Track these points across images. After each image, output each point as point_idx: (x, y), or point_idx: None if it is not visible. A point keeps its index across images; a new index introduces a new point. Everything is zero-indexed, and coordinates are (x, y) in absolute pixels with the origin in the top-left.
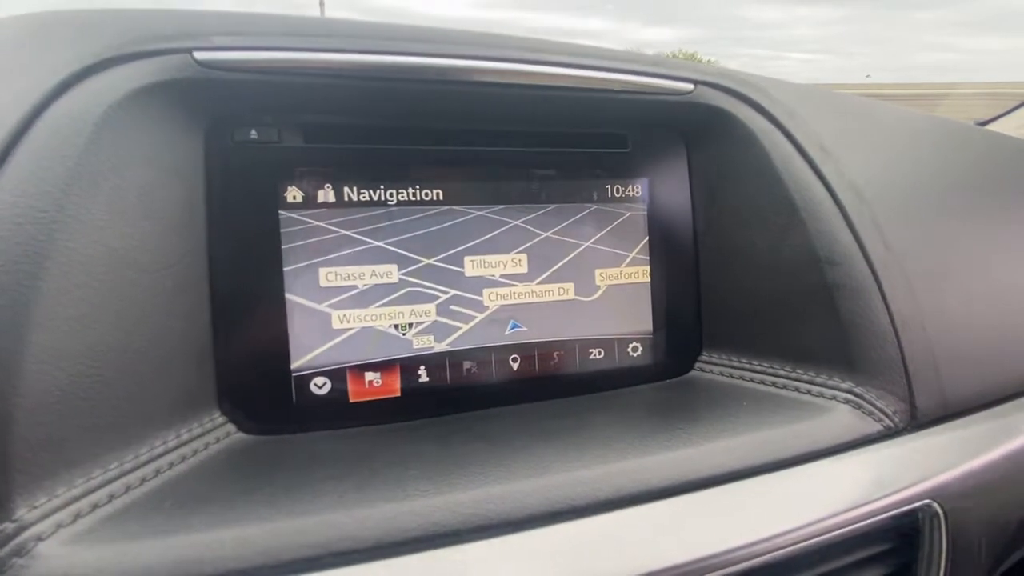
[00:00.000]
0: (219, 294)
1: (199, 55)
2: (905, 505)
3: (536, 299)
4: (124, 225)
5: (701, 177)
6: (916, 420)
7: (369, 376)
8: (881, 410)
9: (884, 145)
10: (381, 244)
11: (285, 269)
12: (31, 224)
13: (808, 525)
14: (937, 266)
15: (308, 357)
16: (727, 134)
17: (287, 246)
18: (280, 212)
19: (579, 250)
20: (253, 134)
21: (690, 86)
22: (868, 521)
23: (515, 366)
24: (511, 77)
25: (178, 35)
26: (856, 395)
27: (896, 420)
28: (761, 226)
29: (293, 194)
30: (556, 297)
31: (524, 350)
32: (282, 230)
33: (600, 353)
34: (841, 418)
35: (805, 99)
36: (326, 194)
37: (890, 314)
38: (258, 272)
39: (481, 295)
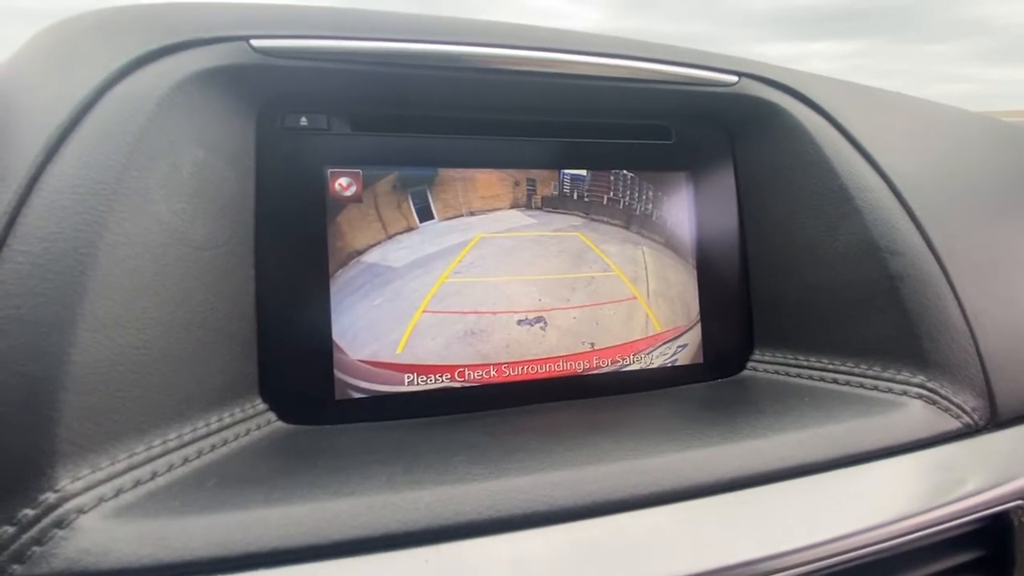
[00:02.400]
0: (264, 279)
1: (256, 42)
2: (993, 506)
3: (579, 297)
4: (177, 202)
5: (747, 169)
6: (997, 418)
7: (413, 370)
8: (959, 406)
9: (931, 137)
10: (427, 236)
11: (330, 257)
12: (91, 195)
13: (890, 523)
14: (1002, 257)
15: (352, 348)
16: (773, 126)
17: (333, 234)
18: (327, 199)
19: (623, 246)
20: (303, 121)
21: (734, 78)
22: (955, 522)
23: (560, 365)
24: (559, 67)
25: (236, 24)
26: (930, 390)
27: (976, 417)
28: (814, 218)
29: (340, 181)
30: (600, 295)
31: (569, 348)
32: (328, 217)
33: (647, 352)
34: (915, 414)
35: (850, 92)
36: (373, 183)
37: (960, 305)
38: (303, 259)
39: (525, 292)
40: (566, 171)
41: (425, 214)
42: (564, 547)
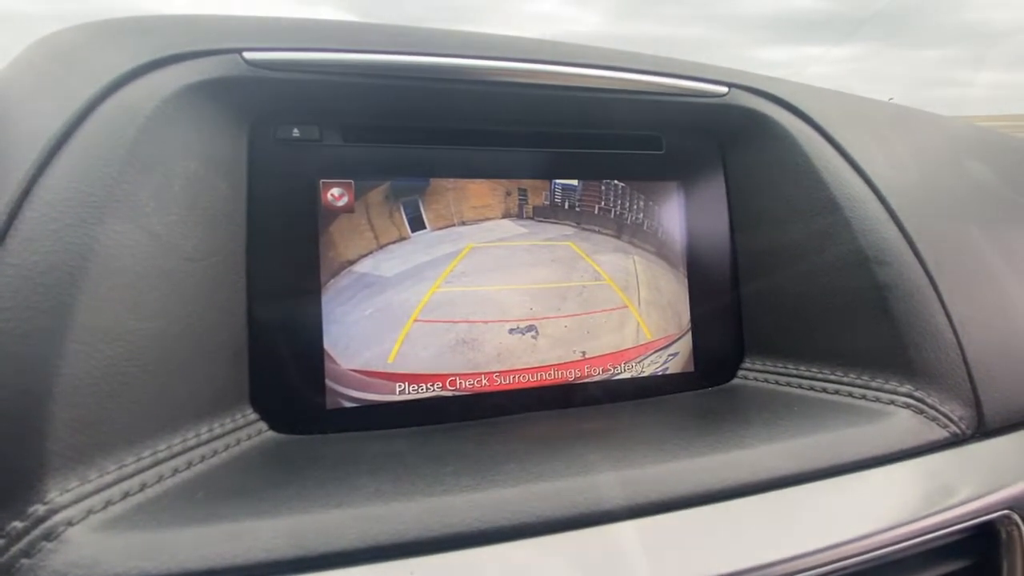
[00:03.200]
0: (256, 289)
1: (248, 55)
2: (980, 516)
3: (571, 305)
4: (168, 214)
5: (737, 179)
6: (984, 427)
7: (404, 379)
8: (946, 415)
9: (919, 146)
10: (419, 246)
11: (322, 267)
12: (82, 208)
13: (878, 533)
14: (989, 266)
15: (343, 358)
16: (763, 136)
17: (325, 244)
18: (318, 210)
19: (615, 255)
20: (295, 132)
21: (724, 89)
22: (942, 532)
23: (551, 373)
24: (550, 78)
25: (228, 36)
26: (917, 399)
27: (963, 426)
28: (803, 228)
29: (332, 192)
30: (591, 303)
31: (560, 357)
32: (320, 228)
33: (638, 361)
34: (902, 423)
35: (839, 102)
36: (365, 193)
37: (948, 314)
38: (295, 269)
39: (516, 301)
40: (557, 181)
41: (417, 224)
42: (550, 558)
